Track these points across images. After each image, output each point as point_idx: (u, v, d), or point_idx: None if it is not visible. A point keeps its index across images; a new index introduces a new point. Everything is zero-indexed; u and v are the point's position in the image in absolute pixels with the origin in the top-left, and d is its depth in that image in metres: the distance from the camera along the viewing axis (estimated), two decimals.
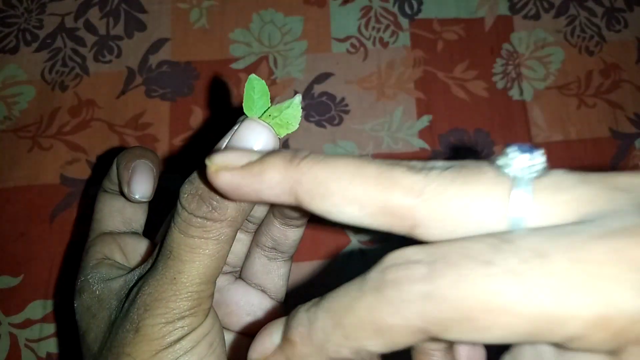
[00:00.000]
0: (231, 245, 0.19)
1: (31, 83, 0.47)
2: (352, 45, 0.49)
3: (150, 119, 0.46)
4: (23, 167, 0.45)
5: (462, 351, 0.18)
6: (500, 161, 0.14)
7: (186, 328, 0.19)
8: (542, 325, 0.12)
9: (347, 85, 0.47)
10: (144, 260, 0.23)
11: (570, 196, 0.13)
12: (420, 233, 0.14)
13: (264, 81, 0.19)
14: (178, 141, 0.46)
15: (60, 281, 0.42)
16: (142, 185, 0.23)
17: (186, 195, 0.18)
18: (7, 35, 0.48)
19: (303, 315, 0.15)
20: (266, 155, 0.15)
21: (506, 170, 0.14)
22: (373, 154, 0.45)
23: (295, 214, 0.22)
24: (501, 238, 0.13)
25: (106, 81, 0.47)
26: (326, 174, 0.14)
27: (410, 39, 0.49)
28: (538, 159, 0.14)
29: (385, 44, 0.49)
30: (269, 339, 0.15)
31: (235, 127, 0.18)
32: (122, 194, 0.24)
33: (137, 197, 0.23)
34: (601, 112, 0.47)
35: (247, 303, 0.25)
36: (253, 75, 0.19)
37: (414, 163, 0.15)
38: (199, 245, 0.18)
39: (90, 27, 0.49)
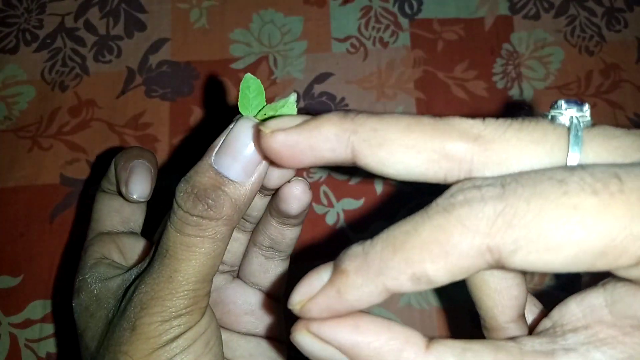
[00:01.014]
0: (227, 244, 0.19)
1: (31, 83, 0.47)
2: (352, 45, 0.49)
3: (150, 119, 0.46)
4: (23, 167, 0.45)
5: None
6: (553, 112, 0.15)
7: (182, 326, 0.18)
8: (616, 243, 0.12)
9: (347, 85, 0.47)
10: (141, 259, 0.23)
11: (621, 143, 0.14)
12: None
13: (259, 80, 0.19)
14: (178, 141, 0.46)
15: (59, 281, 0.42)
16: (140, 185, 0.23)
17: (182, 193, 0.18)
18: (7, 35, 0.48)
19: (357, 247, 0.14)
20: (319, 115, 0.15)
21: (559, 119, 0.14)
22: None
23: (292, 213, 0.22)
24: (572, 166, 0.13)
25: (106, 81, 0.47)
26: (382, 124, 0.15)
27: (410, 39, 0.49)
28: (587, 110, 0.15)
29: (385, 44, 0.49)
30: (317, 278, 0.14)
31: (231, 126, 0.18)
32: (120, 194, 0.24)
33: (135, 197, 0.23)
34: (601, 112, 0.47)
35: (244, 302, 0.24)
36: (248, 74, 0.19)
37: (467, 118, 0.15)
38: (195, 243, 0.18)
39: (90, 27, 0.49)
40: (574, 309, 0.14)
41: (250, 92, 0.19)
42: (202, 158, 0.18)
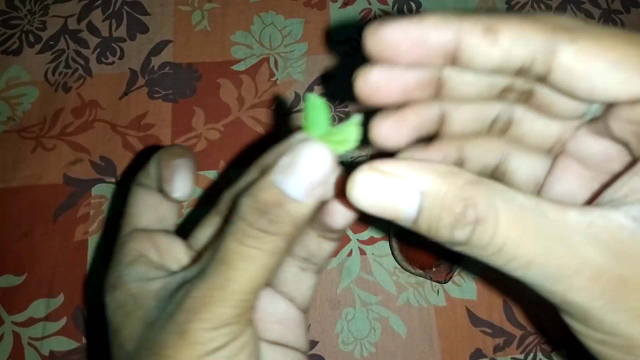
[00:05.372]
0: (282, 260, 0.19)
1: (34, 84, 0.48)
2: (352, 47, 0.49)
3: (153, 120, 0.47)
4: (27, 168, 0.45)
5: None
6: None
7: (229, 336, 0.18)
8: None
9: (346, 86, 0.48)
10: (189, 264, 0.23)
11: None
12: None
13: (324, 100, 0.19)
14: (180, 142, 0.46)
15: (60, 280, 0.42)
16: (183, 185, 0.23)
17: (246, 207, 0.18)
18: (11, 37, 0.49)
19: None
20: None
21: None
22: (371, 155, 0.46)
23: (337, 227, 0.22)
24: None
25: (109, 82, 0.48)
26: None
27: None
28: None
29: None
30: None
31: (296, 147, 0.19)
32: (160, 191, 0.24)
33: (177, 196, 0.23)
34: None
35: (275, 311, 0.24)
36: (313, 95, 0.19)
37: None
38: (253, 255, 0.18)
39: (93, 29, 0.49)
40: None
41: (315, 113, 0.19)
42: (266, 174, 0.19)
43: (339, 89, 0.48)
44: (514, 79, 0.19)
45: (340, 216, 0.22)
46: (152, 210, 0.25)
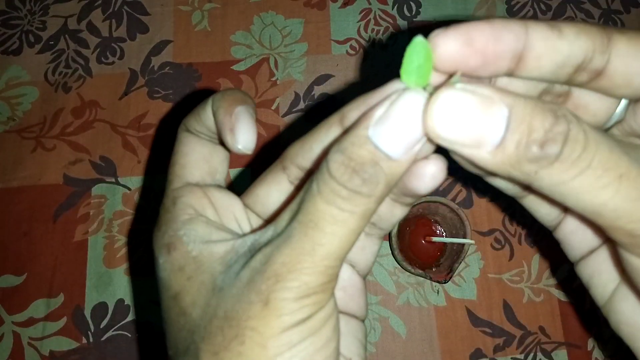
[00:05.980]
0: (367, 223, 0.17)
1: (34, 84, 0.48)
2: (352, 47, 0.49)
3: (153, 120, 0.47)
4: (27, 168, 0.45)
5: None
6: None
7: (316, 306, 0.17)
8: None
9: (346, 87, 0.48)
10: (260, 226, 0.22)
11: None
12: None
13: (429, 45, 0.16)
14: None
15: (62, 278, 0.43)
16: (248, 135, 0.20)
17: (337, 164, 0.16)
18: (11, 37, 0.49)
19: None
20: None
21: None
22: None
23: (421, 191, 0.20)
24: None
25: (109, 82, 0.48)
26: None
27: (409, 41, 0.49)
28: None
29: (384, 46, 0.49)
30: None
31: (395, 97, 0.17)
32: (219, 141, 0.22)
33: (240, 147, 0.20)
34: None
35: (339, 278, 0.22)
36: (421, 39, 0.16)
37: None
38: (344, 218, 0.16)
39: (93, 29, 0.49)
40: None
41: (418, 59, 0.16)
42: (356, 126, 0.17)
43: (339, 89, 0.48)
44: (568, 77, 0.18)
45: (429, 180, 0.19)
46: (203, 163, 0.22)
